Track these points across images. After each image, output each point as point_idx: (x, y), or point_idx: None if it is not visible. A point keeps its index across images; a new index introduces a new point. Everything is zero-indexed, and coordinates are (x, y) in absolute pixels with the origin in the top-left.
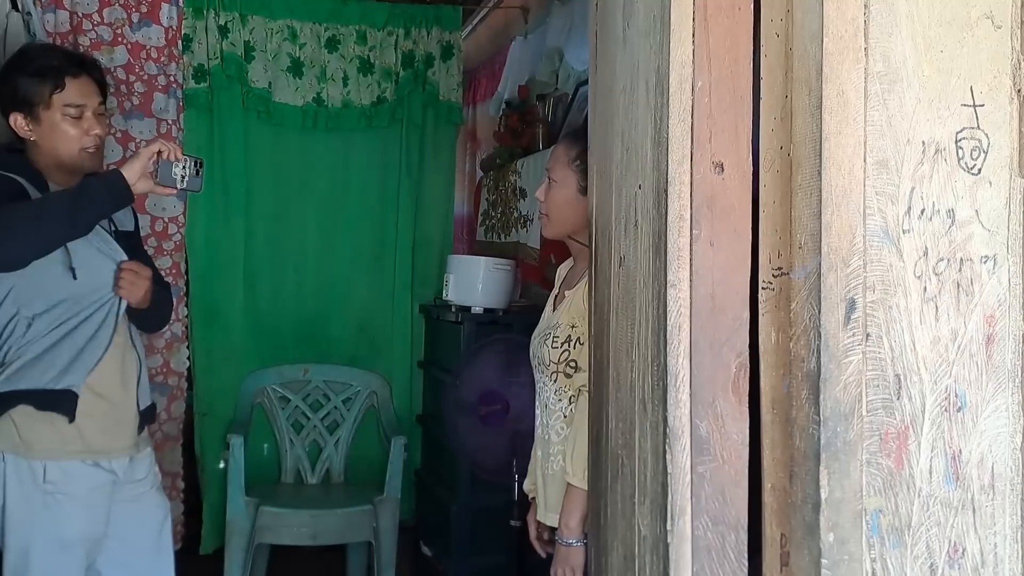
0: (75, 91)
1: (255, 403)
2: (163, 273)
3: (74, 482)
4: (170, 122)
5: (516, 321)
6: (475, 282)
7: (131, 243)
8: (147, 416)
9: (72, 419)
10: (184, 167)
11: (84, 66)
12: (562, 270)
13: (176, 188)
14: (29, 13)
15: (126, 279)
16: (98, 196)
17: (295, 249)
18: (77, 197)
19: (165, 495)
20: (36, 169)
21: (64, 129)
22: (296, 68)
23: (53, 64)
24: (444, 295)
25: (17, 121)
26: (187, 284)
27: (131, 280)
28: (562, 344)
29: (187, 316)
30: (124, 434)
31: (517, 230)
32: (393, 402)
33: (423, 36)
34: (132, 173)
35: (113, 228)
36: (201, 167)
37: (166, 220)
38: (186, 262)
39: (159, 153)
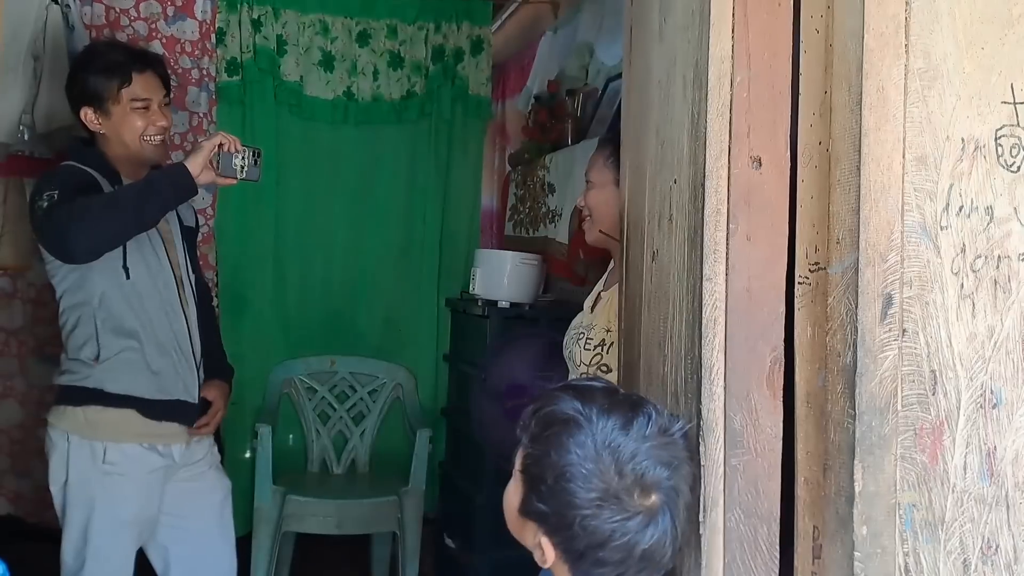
0: (141, 85)
1: (282, 393)
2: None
3: (132, 464)
4: (202, 115)
5: (542, 315)
6: (502, 276)
7: (192, 239)
8: (204, 408)
9: (191, 425)
10: (243, 157)
11: (148, 62)
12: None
13: (236, 178)
14: (68, 5)
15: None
16: (163, 188)
17: (324, 242)
18: (143, 189)
19: (225, 474)
20: (109, 162)
21: (132, 121)
22: (327, 62)
23: (120, 60)
24: (471, 289)
25: (87, 115)
26: (216, 275)
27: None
28: (595, 347)
29: (217, 306)
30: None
31: (545, 225)
32: (418, 394)
33: (453, 30)
34: (195, 165)
35: (180, 223)
36: (259, 157)
37: (195, 212)
38: (215, 252)
39: (220, 145)
